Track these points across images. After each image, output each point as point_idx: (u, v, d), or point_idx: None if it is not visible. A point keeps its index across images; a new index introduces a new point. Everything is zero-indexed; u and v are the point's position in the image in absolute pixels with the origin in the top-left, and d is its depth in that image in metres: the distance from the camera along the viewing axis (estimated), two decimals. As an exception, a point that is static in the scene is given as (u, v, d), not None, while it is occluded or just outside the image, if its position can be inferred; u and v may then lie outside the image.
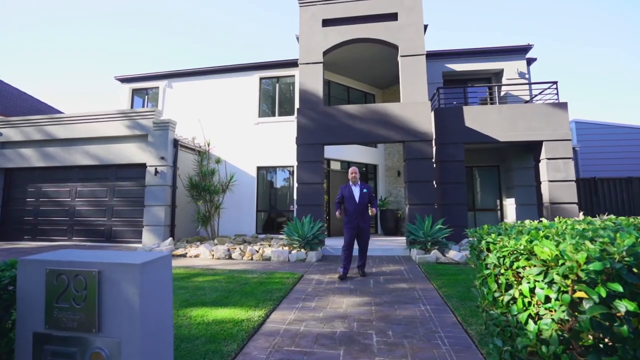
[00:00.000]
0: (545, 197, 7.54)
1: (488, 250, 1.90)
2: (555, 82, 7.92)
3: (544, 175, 7.61)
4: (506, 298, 1.66)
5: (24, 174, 9.46)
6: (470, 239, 2.23)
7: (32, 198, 9.32)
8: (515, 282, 1.60)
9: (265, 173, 10.12)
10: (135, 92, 11.31)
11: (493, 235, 1.84)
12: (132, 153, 8.61)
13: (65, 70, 68.88)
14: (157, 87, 10.95)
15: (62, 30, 71.01)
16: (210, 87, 10.57)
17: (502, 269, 1.70)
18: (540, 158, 7.73)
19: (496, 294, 1.75)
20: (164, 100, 10.79)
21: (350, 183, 5.16)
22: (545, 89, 8.16)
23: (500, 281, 1.73)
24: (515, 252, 1.61)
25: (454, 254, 6.10)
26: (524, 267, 1.54)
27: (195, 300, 3.79)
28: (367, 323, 3.16)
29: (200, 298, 3.88)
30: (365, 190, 5.09)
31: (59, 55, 71.25)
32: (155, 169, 8.27)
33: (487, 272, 1.86)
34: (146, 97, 11.23)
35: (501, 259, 1.71)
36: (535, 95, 8.49)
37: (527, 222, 2.26)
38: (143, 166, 8.52)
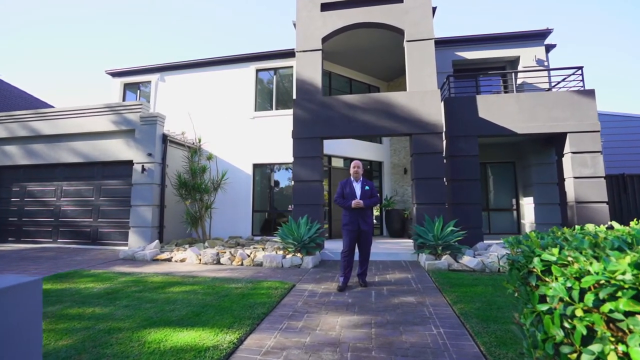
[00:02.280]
0: (570, 196, 6.75)
1: (545, 273, 1.21)
2: (580, 68, 7.12)
3: (568, 172, 6.81)
4: (586, 358, 0.96)
5: (9, 172, 9.00)
6: (508, 252, 1.54)
7: (17, 198, 8.85)
8: (611, 338, 0.91)
9: (262, 171, 9.49)
10: (127, 86, 10.80)
11: (555, 251, 1.15)
12: (119, 150, 8.06)
13: (63, 67, 68.67)
14: (149, 81, 10.41)
15: (60, 27, 71.00)
16: (204, 80, 9.99)
17: (578, 309, 1.01)
18: (564, 152, 6.94)
19: (565, 349, 1.06)
20: (156, 94, 10.25)
21: (352, 178, 4.50)
22: (569, 75, 7.36)
23: (572, 326, 1.04)
24: (606, 283, 0.92)
25: (468, 260, 5.37)
26: (628, 314, 0.85)
27: (160, 319, 3.16)
28: (364, 354, 2.48)
29: (167, 315, 3.25)
30: (367, 188, 4.42)
31: (57, 52, 71.20)
32: (142, 166, 7.70)
33: (543, 307, 1.17)
34: (138, 91, 10.70)
35: (575, 292, 1.02)
36: (558, 83, 7.68)
37: (590, 226, 1.56)
38: (130, 163, 7.96)
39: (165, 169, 7.95)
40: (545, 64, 8.86)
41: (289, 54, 9.30)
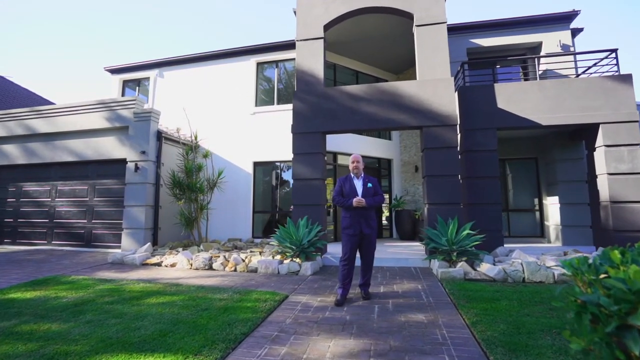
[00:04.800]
0: (604, 195, 5.98)
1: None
2: (614, 50, 6.33)
3: (601, 167, 6.04)
4: None
5: (5, 172, 8.79)
6: (569, 282, 0.95)
7: (13, 198, 8.63)
8: None
9: (263, 169, 9.00)
10: (125, 83, 10.51)
11: None
12: (113, 147, 7.72)
13: (64, 65, 68.53)
14: (148, 77, 10.08)
15: (61, 21, 71.03)
16: (203, 75, 9.57)
17: None
18: (596, 145, 6.17)
19: None
20: (154, 91, 9.91)
21: (352, 175, 3.94)
22: (601, 59, 6.57)
23: None
24: None
25: (487, 268, 4.72)
26: None
27: (119, 340, 2.67)
28: (357, 398, 1.92)
29: (129, 335, 2.76)
30: (370, 185, 3.84)
31: (57, 46, 71.26)
32: (136, 164, 7.33)
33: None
34: (137, 88, 10.39)
35: None
36: (588, 68, 6.89)
37: None
38: (124, 162, 7.60)
39: (160, 168, 7.56)
40: (571, 49, 8.05)
41: (291, 45, 8.77)
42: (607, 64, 6.46)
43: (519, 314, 3.15)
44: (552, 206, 7.85)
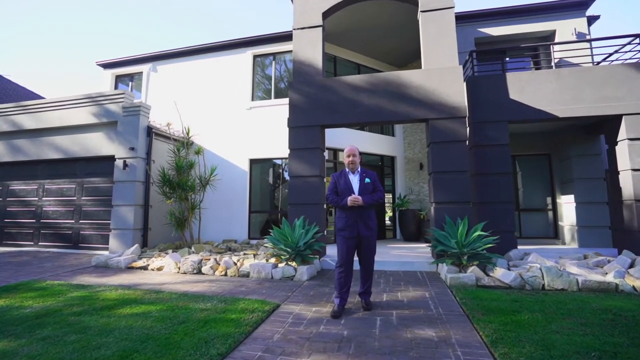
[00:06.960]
0: (628, 193, 5.48)
1: None
2: (638, 35, 5.82)
3: (624, 163, 5.55)
4: None
5: (-8, 170, 8.46)
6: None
7: (0, 198, 8.28)
8: None
9: (261, 167, 8.57)
10: (118, 78, 10.14)
11: None
12: (101, 144, 7.33)
13: (62, 62, 68.22)
14: (141, 72, 9.70)
15: (57, 18, 70.43)
16: (197, 69, 9.17)
17: None
18: (618, 139, 5.68)
19: None
20: (147, 86, 9.52)
21: (347, 170, 3.49)
22: (623, 45, 6.06)
23: None
24: None
25: (501, 274, 4.25)
26: None
27: (72, 363, 2.25)
28: None
29: (85, 356, 2.34)
30: (368, 180, 3.39)
31: (55, 42, 70.89)
32: (124, 161, 6.93)
33: None
34: (130, 83, 10.01)
35: None
36: (609, 55, 6.38)
37: None
38: (112, 159, 7.21)
39: (150, 165, 7.15)
40: (588, 37, 7.53)
41: (289, 37, 8.35)
42: (630, 51, 5.96)
43: (545, 331, 2.69)
44: (566, 205, 7.35)
